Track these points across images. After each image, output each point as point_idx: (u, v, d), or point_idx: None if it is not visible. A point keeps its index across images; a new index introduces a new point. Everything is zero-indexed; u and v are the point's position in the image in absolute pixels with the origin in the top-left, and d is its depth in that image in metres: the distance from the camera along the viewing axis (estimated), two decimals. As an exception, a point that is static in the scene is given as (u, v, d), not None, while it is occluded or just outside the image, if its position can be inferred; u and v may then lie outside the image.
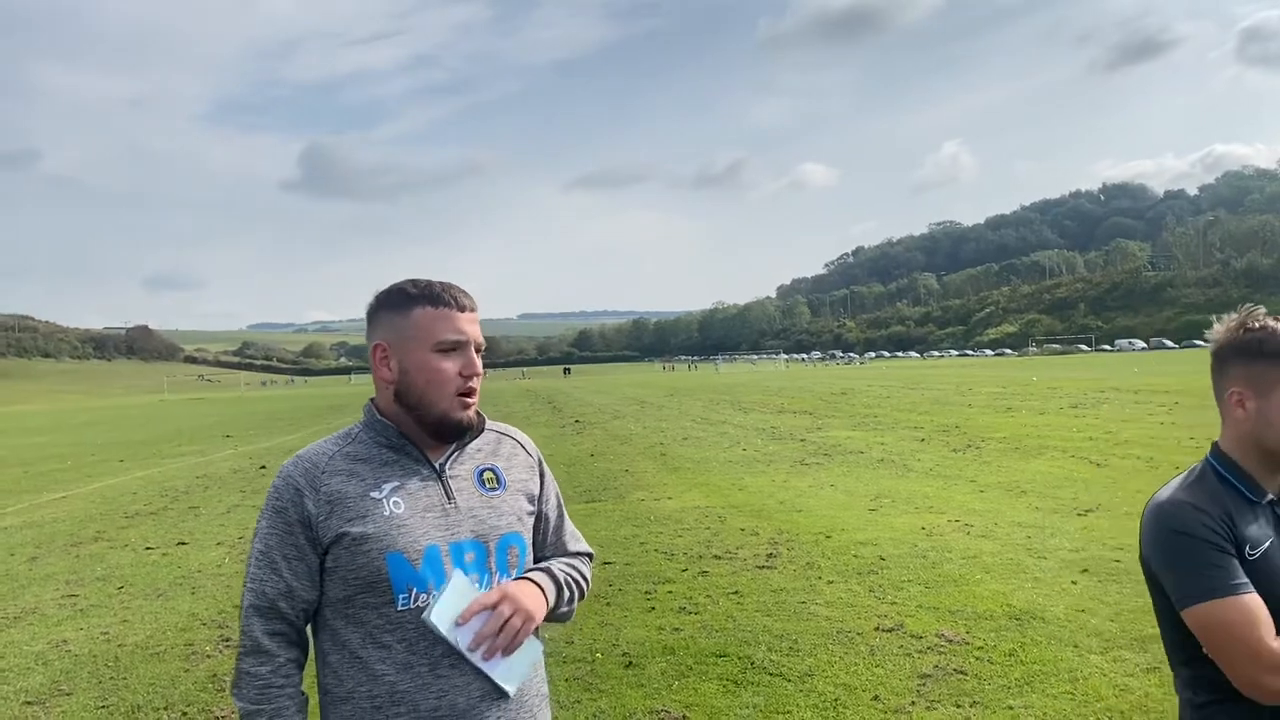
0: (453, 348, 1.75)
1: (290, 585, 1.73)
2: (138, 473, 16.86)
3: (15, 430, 35.86)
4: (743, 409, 27.34)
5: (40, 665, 5.52)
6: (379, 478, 1.75)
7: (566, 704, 4.54)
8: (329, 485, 1.73)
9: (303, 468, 1.76)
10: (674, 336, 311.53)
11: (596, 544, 8.07)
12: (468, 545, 1.75)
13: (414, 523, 1.72)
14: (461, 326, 1.77)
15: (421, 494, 1.76)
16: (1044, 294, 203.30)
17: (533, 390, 55.18)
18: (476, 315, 1.81)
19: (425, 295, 1.77)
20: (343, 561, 1.70)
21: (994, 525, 8.35)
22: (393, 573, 1.68)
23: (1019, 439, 15.31)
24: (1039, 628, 5.35)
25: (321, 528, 1.71)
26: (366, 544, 1.69)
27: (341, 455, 1.78)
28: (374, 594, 1.69)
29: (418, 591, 1.69)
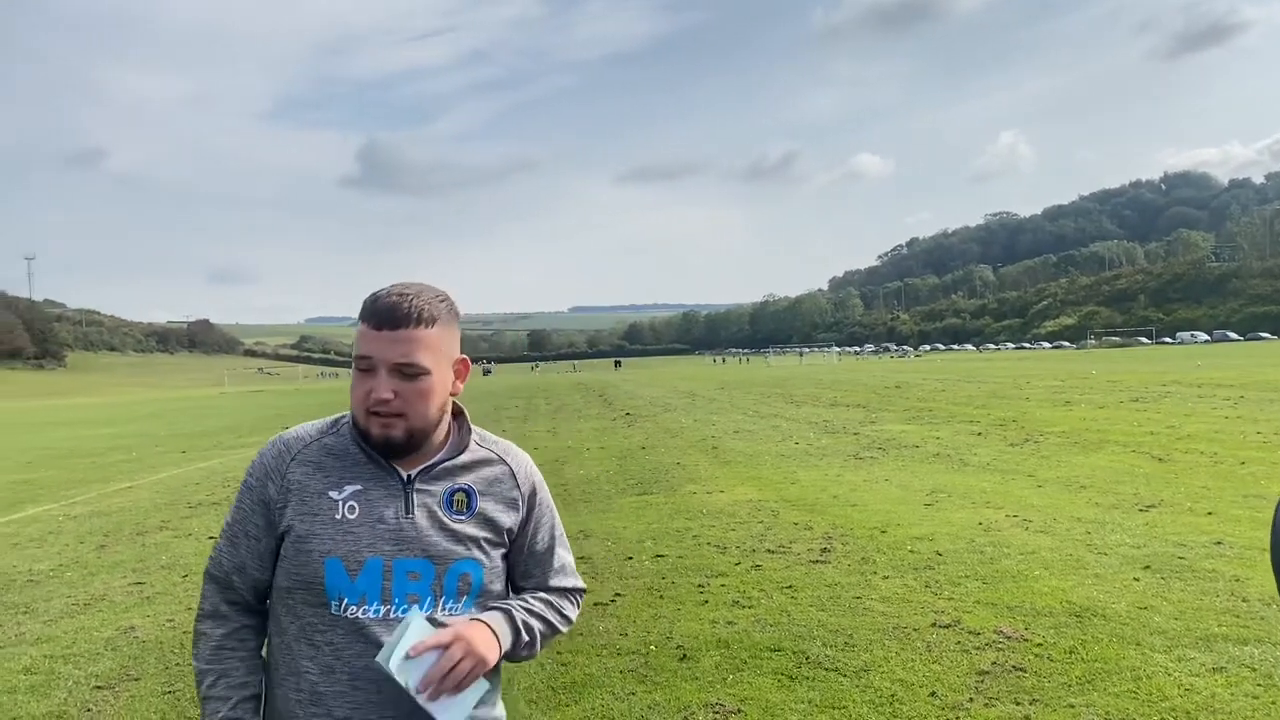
0: (366, 368, 1.68)
1: (244, 562, 1.75)
2: (199, 463, 17.22)
3: (82, 422, 36.81)
4: (795, 402, 27.19)
5: (109, 651, 5.67)
6: (344, 477, 1.72)
7: (621, 696, 4.56)
8: (293, 474, 1.72)
9: (276, 450, 1.76)
10: (724, 329, 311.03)
11: (649, 537, 8.12)
12: (414, 564, 1.69)
13: (362, 532, 1.68)
14: (369, 347, 1.66)
15: (380, 503, 1.70)
16: (1103, 286, 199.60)
17: (584, 383, 55.37)
18: (409, 334, 1.65)
19: (367, 309, 1.69)
20: (289, 554, 1.70)
21: (1053, 521, 8.22)
22: (329, 578, 1.66)
23: (1078, 433, 15.06)
24: (1100, 625, 5.26)
25: (278, 514, 1.71)
26: (309, 543, 1.67)
27: (318, 445, 1.76)
28: (309, 593, 1.68)
29: (348, 602, 1.66)
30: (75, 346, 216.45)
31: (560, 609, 1.91)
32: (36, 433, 30.45)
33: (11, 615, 6.65)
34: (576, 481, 12.11)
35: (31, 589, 7.44)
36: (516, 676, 4.88)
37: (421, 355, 1.66)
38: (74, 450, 21.87)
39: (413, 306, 1.66)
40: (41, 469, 17.48)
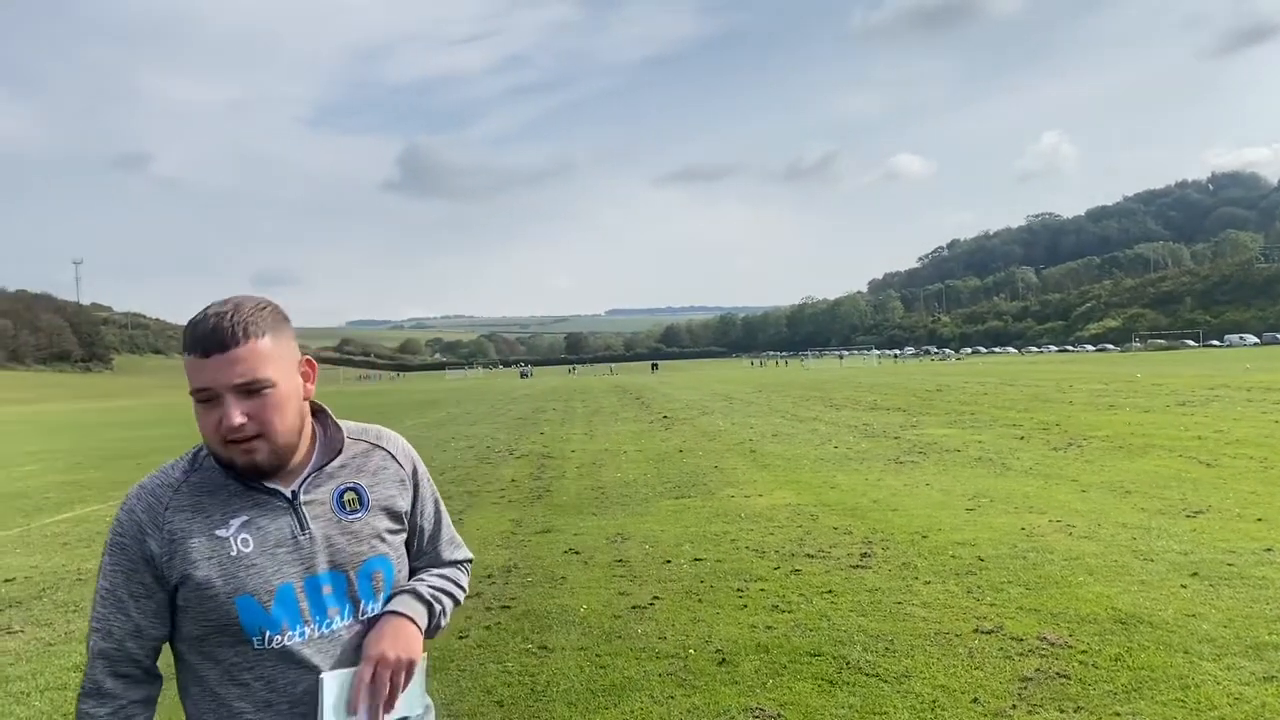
0: (206, 399, 1.58)
1: (139, 624, 1.64)
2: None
3: (127, 424, 37.43)
4: (834, 405, 27.04)
5: (156, 650, 5.75)
6: (226, 512, 1.64)
7: (660, 699, 4.56)
8: (171, 523, 1.62)
9: (145, 503, 1.64)
10: (762, 332, 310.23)
11: (687, 541, 8.11)
12: (324, 578, 1.66)
13: (263, 562, 1.62)
14: (204, 377, 1.57)
15: (272, 528, 1.64)
16: (1148, 287, 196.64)
17: (620, 385, 55.44)
18: (244, 351, 1.56)
19: (188, 338, 1.59)
20: (192, 603, 1.62)
21: (1097, 526, 8.11)
22: (243, 617, 1.60)
23: (1123, 437, 14.84)
24: (1146, 632, 5.18)
25: (166, 568, 1.61)
26: (212, 588, 1.59)
27: (188, 486, 1.66)
28: (226, 635, 1.62)
29: (271, 634, 1.62)
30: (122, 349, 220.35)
31: (457, 580, 1.91)
32: (84, 434, 31.01)
33: (62, 613, 6.78)
34: (614, 484, 12.13)
35: (80, 588, 7.57)
36: (555, 679, 4.89)
37: (262, 369, 1.58)
38: (120, 452, 22.24)
39: (235, 323, 1.57)
40: (89, 470, 17.80)
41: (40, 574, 8.18)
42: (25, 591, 7.53)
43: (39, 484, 15.52)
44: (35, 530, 10.62)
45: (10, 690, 5.12)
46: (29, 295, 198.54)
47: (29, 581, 7.90)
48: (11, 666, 5.54)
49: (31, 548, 9.49)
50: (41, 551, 9.25)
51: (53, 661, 5.60)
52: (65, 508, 12.40)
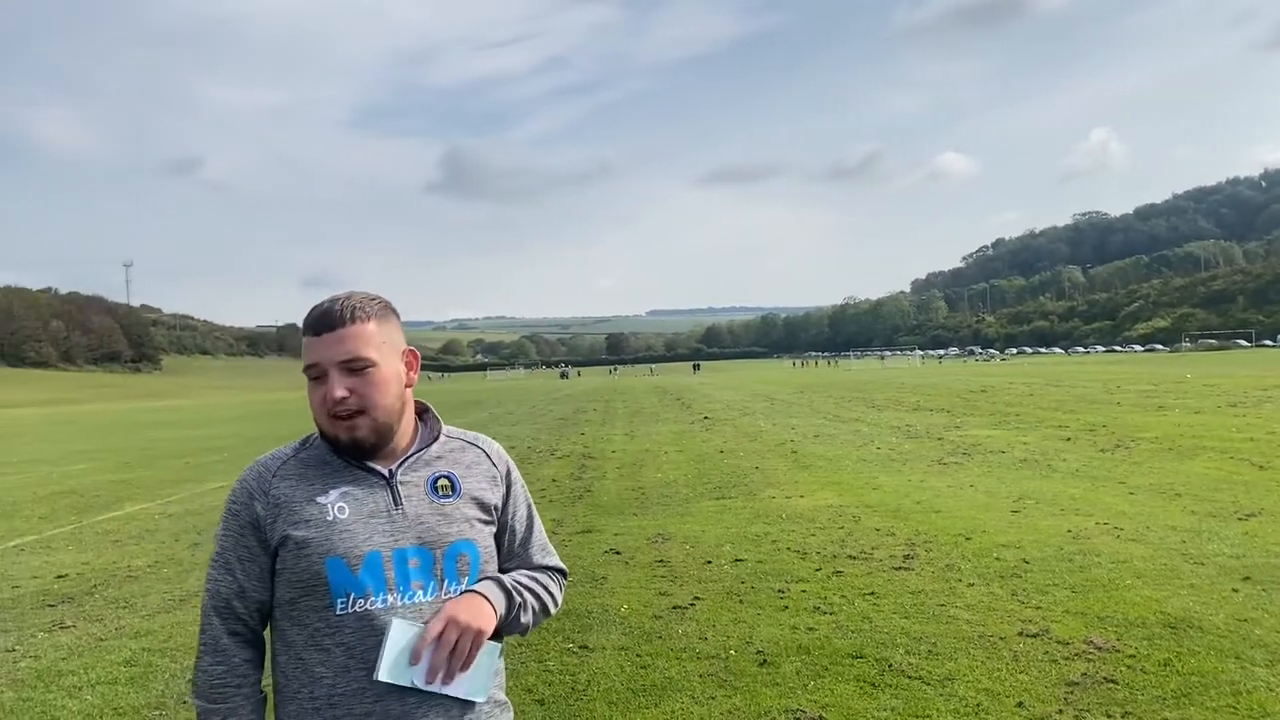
0: (316, 375, 1.75)
1: (243, 586, 1.77)
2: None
3: (177, 423, 38.05)
4: (876, 406, 26.85)
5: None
6: (327, 483, 1.77)
7: (701, 700, 4.55)
8: (277, 489, 1.76)
9: (256, 472, 1.80)
10: (803, 332, 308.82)
11: (728, 541, 8.10)
12: (412, 552, 1.75)
13: (357, 528, 1.73)
14: (315, 351, 1.74)
15: (368, 500, 1.76)
16: (1198, 286, 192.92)
17: (661, 386, 55.44)
18: (350, 331, 1.73)
19: (306, 321, 1.77)
20: (288, 564, 1.73)
21: (1146, 529, 7.97)
22: (331, 577, 1.70)
23: (1172, 439, 14.59)
24: (1197, 637, 5.09)
25: (269, 530, 1.74)
26: (307, 548, 1.71)
27: (295, 460, 1.81)
28: (314, 597, 1.72)
29: (355, 596, 1.70)
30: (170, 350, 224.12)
31: (548, 586, 1.96)
32: (133, 434, 31.58)
33: (113, 609, 6.91)
34: (654, 485, 12.13)
35: (130, 584, 7.71)
36: (596, 679, 4.90)
37: (364, 349, 1.73)
38: (169, 451, 22.61)
39: (345, 307, 1.75)
40: (138, 469, 18.12)
41: (92, 570, 8.34)
42: (77, 587, 7.68)
43: (90, 482, 15.83)
44: (87, 527, 10.83)
45: (63, 684, 5.22)
46: (81, 297, 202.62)
47: (81, 578, 8.06)
48: (64, 661, 5.65)
49: (83, 544, 9.69)
50: (93, 548, 9.43)
51: (104, 656, 5.70)
52: (115, 506, 12.63)
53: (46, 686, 5.20)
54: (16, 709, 4.87)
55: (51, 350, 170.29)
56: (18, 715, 4.79)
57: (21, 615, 6.84)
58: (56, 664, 5.60)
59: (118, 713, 4.76)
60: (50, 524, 11.21)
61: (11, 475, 17.73)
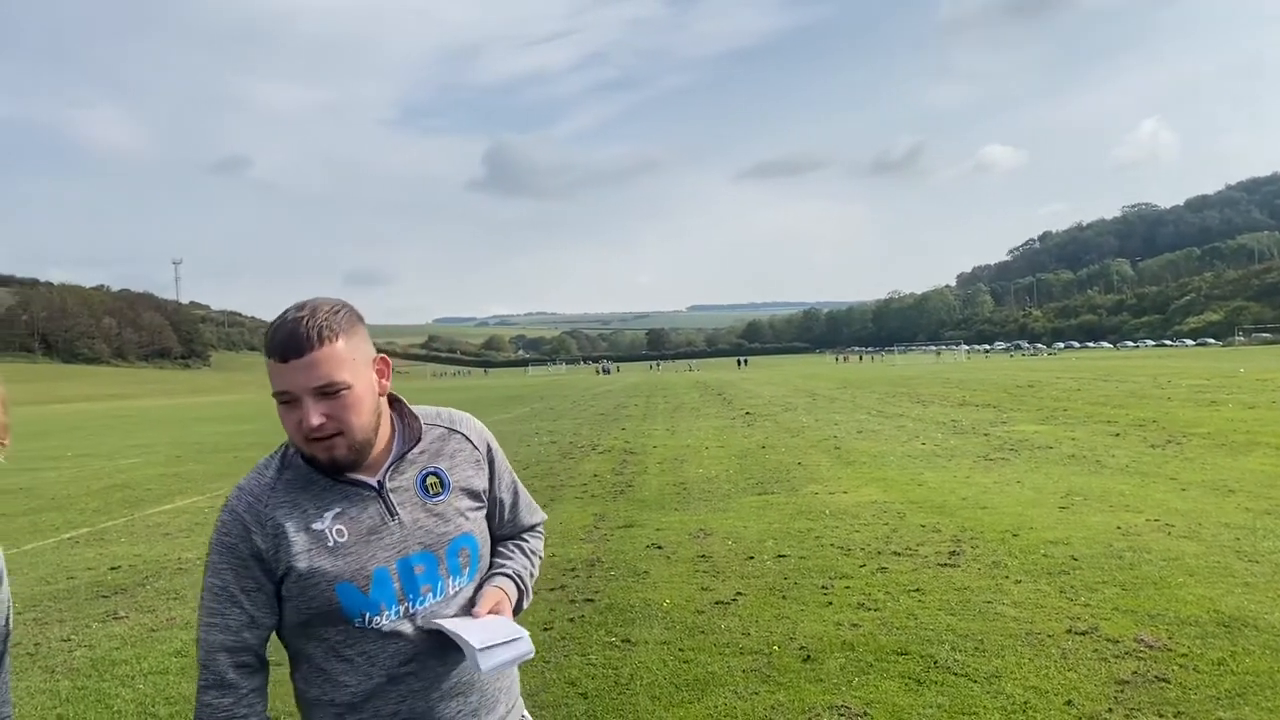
0: (287, 400, 1.68)
1: (253, 615, 1.73)
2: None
3: (225, 418, 38.63)
4: (921, 402, 26.60)
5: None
6: (320, 505, 1.74)
7: (744, 695, 4.54)
8: (273, 519, 1.71)
9: (246, 503, 1.74)
10: (846, 327, 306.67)
11: (770, 537, 8.07)
12: (416, 559, 1.76)
13: (359, 549, 1.72)
14: (284, 381, 1.66)
15: (364, 516, 1.74)
16: (1252, 279, 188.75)
17: (702, 382, 55.34)
18: (319, 355, 1.64)
19: (268, 343, 1.68)
20: (294, 594, 1.72)
21: (1198, 526, 7.83)
22: (344, 602, 1.71)
23: (1225, 434, 14.30)
24: (1251, 636, 4.98)
25: (273, 561, 1.71)
26: (315, 578, 1.70)
27: (282, 484, 1.75)
28: (328, 619, 1.73)
29: (370, 615, 1.72)
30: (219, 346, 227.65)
31: (536, 550, 2.08)
32: (183, 428, 32.11)
33: (164, 600, 7.03)
34: (696, 480, 12.11)
35: (181, 576, 7.85)
36: (639, 673, 4.91)
37: (337, 372, 1.66)
38: (218, 445, 22.97)
39: (311, 328, 1.65)
40: (188, 463, 18.43)
41: (144, 562, 8.50)
42: (130, 579, 7.83)
43: (142, 476, 16.13)
44: (139, 520, 11.03)
45: (116, 674, 5.33)
46: (132, 294, 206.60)
47: (133, 569, 8.21)
48: (117, 651, 5.76)
49: (135, 537, 9.87)
50: (145, 541, 9.61)
51: (156, 646, 5.81)
52: (166, 499, 12.86)
53: (101, 676, 5.31)
54: (73, 697, 4.98)
55: (104, 346, 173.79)
56: (74, 704, 4.89)
57: (77, 606, 6.99)
58: (110, 653, 5.71)
59: (169, 701, 4.84)
60: (103, 517, 11.44)
61: (66, 469, 18.11)
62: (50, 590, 7.52)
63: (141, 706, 4.80)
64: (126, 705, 4.83)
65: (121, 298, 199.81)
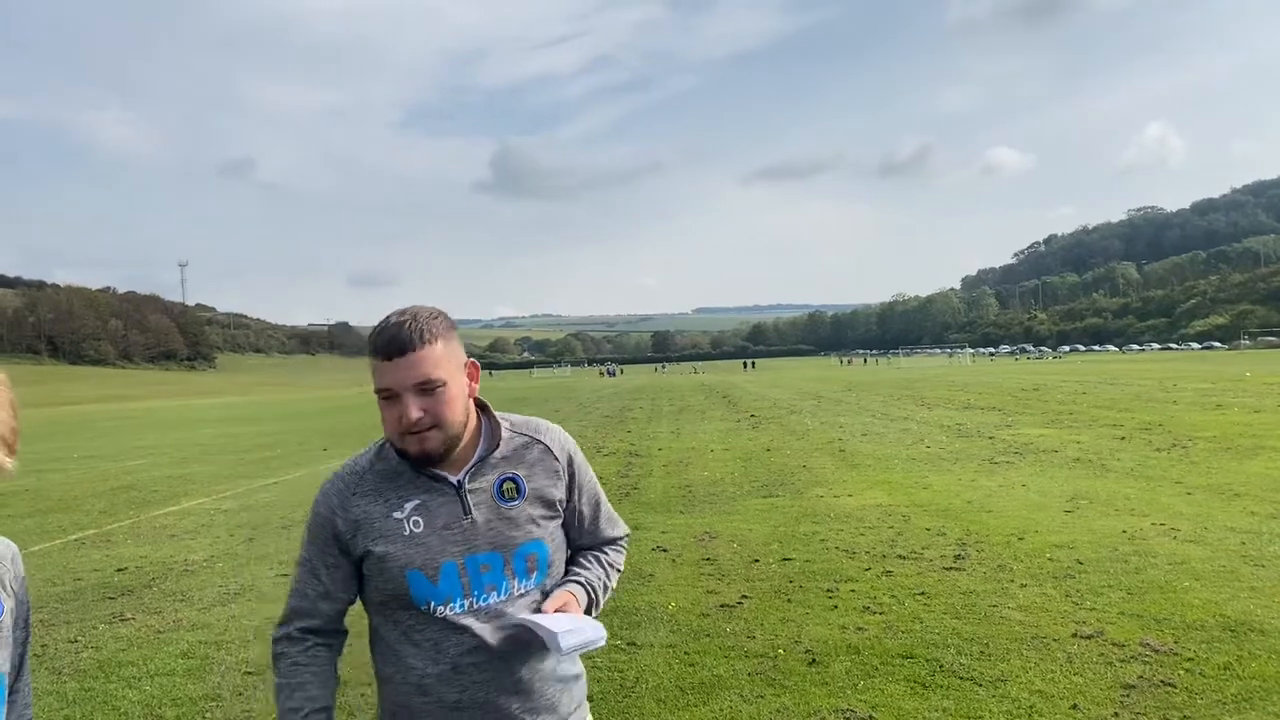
0: (388, 397, 1.83)
1: (328, 589, 1.93)
2: (340, 460, 17.83)
3: (230, 420, 38.71)
4: (926, 405, 26.57)
5: (258, 639, 5.93)
6: (402, 496, 1.90)
7: (749, 698, 4.54)
8: (357, 506, 1.89)
9: (337, 488, 1.93)
10: (851, 330, 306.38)
11: (775, 540, 8.07)
12: (483, 558, 1.89)
13: (432, 541, 1.87)
14: (387, 379, 1.81)
15: (440, 511, 1.89)
16: (1258, 283, 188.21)
17: (707, 384, 55.31)
18: (419, 355, 1.80)
19: (371, 343, 1.85)
20: (372, 575, 1.90)
21: (1204, 530, 7.81)
22: (413, 588, 1.86)
23: (1231, 438, 14.27)
24: (1258, 640, 4.97)
25: (351, 544, 1.90)
26: (388, 562, 1.86)
27: (372, 474, 1.93)
28: (400, 603, 1.89)
29: (435, 604, 1.87)
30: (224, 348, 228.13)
31: (615, 563, 2.16)
32: (189, 430, 32.18)
33: (170, 602, 7.05)
34: (701, 483, 12.11)
35: (187, 578, 7.87)
36: (644, 676, 4.91)
37: (435, 371, 1.82)
38: (224, 447, 23.01)
39: (414, 330, 1.81)
40: (194, 465, 18.46)
41: (150, 564, 8.52)
42: (136, 580, 7.85)
43: (148, 477, 16.17)
44: (145, 522, 11.06)
45: (123, 675, 5.34)
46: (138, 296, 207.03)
47: (140, 571, 8.23)
48: (124, 653, 5.78)
49: (141, 538, 9.90)
50: (151, 542, 9.63)
51: (163, 648, 5.82)
52: (172, 501, 12.89)
53: (107, 677, 5.32)
54: (79, 699, 4.99)
55: (110, 348, 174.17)
56: (80, 705, 4.91)
57: (83, 607, 7.01)
58: (117, 655, 5.73)
59: (176, 703, 4.85)
60: (110, 518, 11.47)
61: (72, 470, 18.16)
62: (57, 592, 7.55)
63: (148, 708, 4.81)
64: (133, 707, 4.84)
65: (127, 299, 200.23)
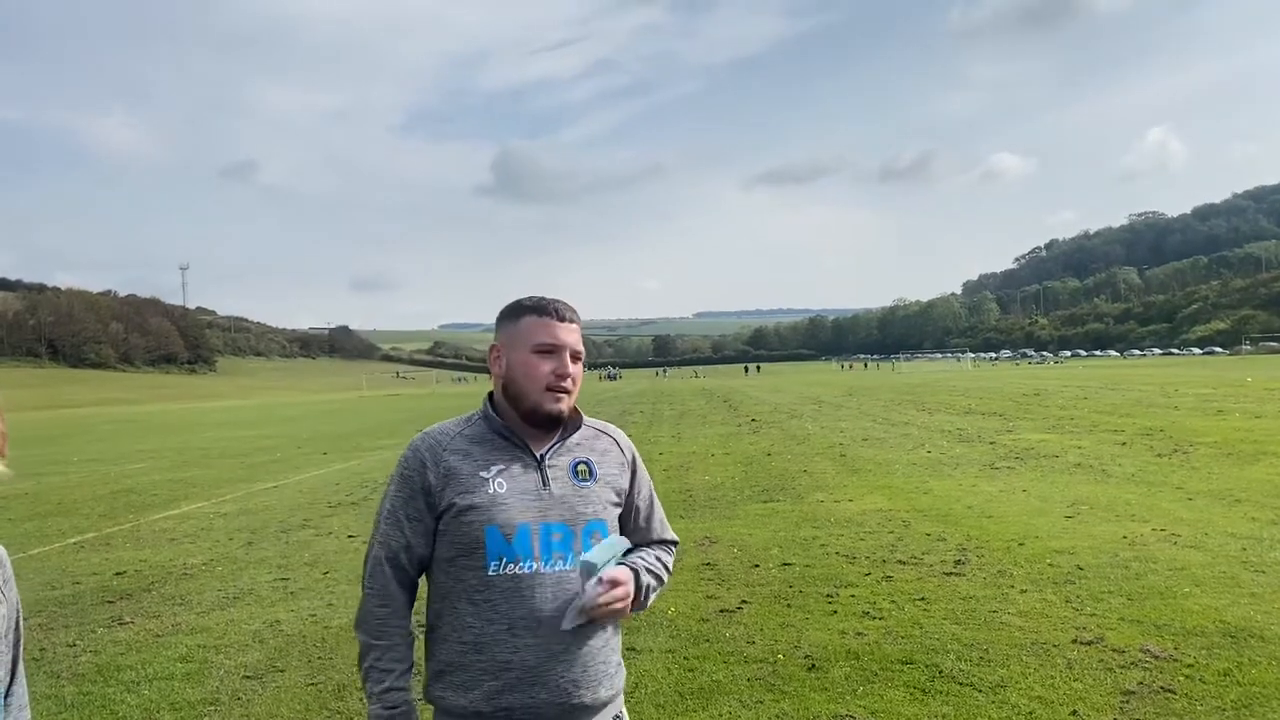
0: (549, 350, 2.07)
1: (410, 541, 2.07)
2: (340, 465, 17.89)
3: (231, 423, 38.70)
4: (926, 410, 26.56)
5: (257, 643, 5.94)
6: (489, 460, 2.07)
7: (749, 704, 4.53)
8: (448, 461, 2.06)
9: (429, 443, 2.09)
10: (852, 334, 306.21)
11: (776, 545, 8.06)
12: (555, 527, 2.04)
13: (512, 502, 2.02)
14: (558, 333, 2.08)
15: (522, 478, 2.06)
16: (1260, 288, 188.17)
17: (708, 389, 55.31)
18: (577, 328, 2.13)
19: (534, 306, 2.11)
20: (451, 527, 2.03)
21: (1204, 535, 7.80)
22: (489, 543, 2.00)
23: (1232, 444, 14.26)
24: (1258, 647, 4.96)
25: (438, 496, 2.04)
26: (470, 515, 2.01)
27: (461, 436, 2.11)
28: (472, 558, 2.01)
29: (506, 561, 2.00)
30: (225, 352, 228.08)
31: (665, 562, 2.29)
32: (189, 434, 32.17)
33: (169, 606, 7.04)
34: (701, 487, 12.10)
35: (186, 582, 7.86)
36: (644, 681, 4.90)
37: (581, 345, 2.14)
38: (223, 451, 23.01)
39: (568, 308, 2.13)
40: (194, 468, 18.46)
41: (149, 568, 8.51)
42: (135, 584, 7.84)
43: (148, 481, 16.16)
44: (145, 525, 11.05)
45: (121, 679, 5.33)
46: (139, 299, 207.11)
47: (139, 575, 8.22)
48: (122, 656, 5.77)
49: (141, 542, 9.89)
50: (150, 546, 9.63)
51: (161, 652, 5.81)
52: (173, 504, 12.88)
53: (106, 681, 5.31)
54: (77, 703, 4.98)
55: (110, 351, 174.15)
56: (78, 709, 4.90)
57: (82, 611, 7.00)
58: (115, 659, 5.72)
59: (174, 708, 4.84)
60: (109, 521, 11.46)
61: (72, 474, 18.15)
62: (55, 595, 7.53)
63: (146, 712, 4.80)
64: (131, 711, 4.83)
65: (128, 303, 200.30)
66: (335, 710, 4.71)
